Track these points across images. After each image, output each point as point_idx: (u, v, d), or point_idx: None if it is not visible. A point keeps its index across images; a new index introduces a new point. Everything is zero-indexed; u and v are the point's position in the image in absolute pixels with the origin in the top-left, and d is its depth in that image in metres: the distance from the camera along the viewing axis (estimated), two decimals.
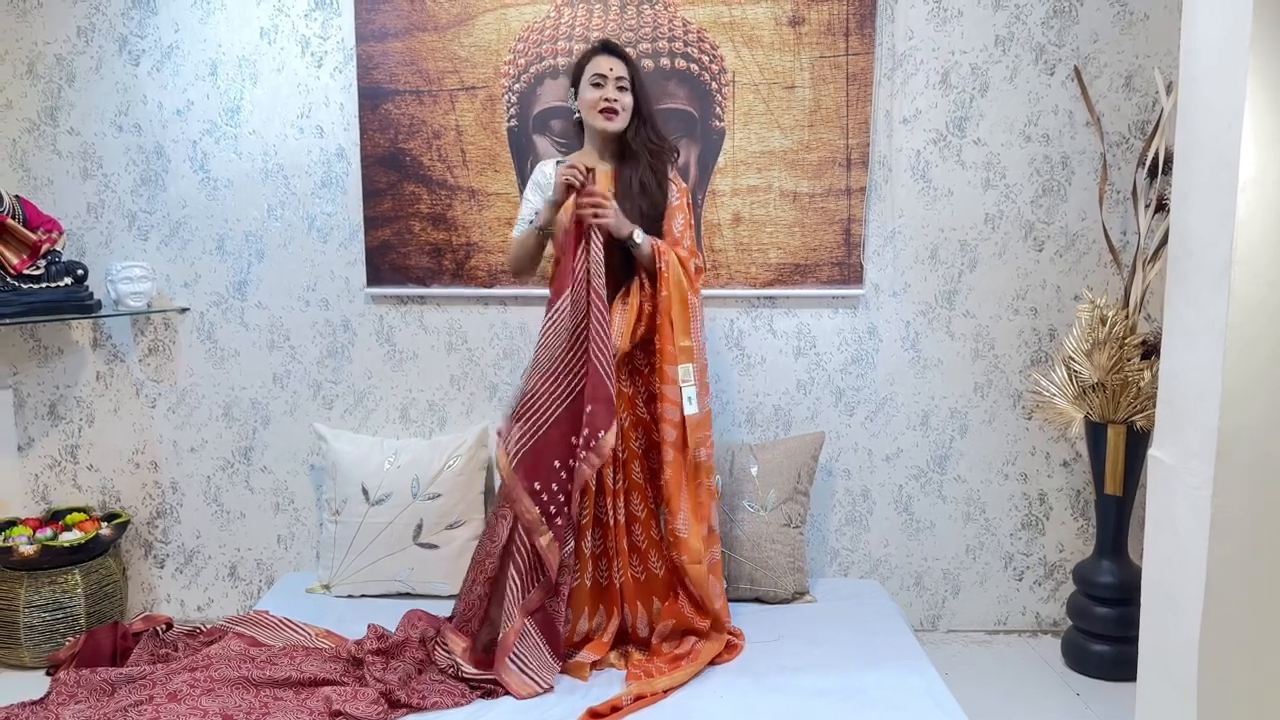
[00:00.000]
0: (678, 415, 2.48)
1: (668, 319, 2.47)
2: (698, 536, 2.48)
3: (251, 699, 2.20)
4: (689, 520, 2.48)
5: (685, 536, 2.47)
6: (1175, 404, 1.90)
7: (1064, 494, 3.15)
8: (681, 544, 2.47)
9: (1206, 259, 1.77)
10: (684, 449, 2.49)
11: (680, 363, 2.46)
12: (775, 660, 2.46)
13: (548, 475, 2.41)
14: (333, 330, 3.12)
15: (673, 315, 2.47)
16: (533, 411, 2.43)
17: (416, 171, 3.01)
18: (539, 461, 2.42)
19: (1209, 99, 1.79)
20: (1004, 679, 2.86)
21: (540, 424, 2.43)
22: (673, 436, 2.48)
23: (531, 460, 2.41)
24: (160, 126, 3.04)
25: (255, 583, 3.22)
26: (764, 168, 2.99)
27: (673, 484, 2.48)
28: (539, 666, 2.33)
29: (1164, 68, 2.90)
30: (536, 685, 2.29)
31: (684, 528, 2.47)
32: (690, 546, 2.47)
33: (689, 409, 2.46)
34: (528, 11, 2.95)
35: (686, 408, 2.46)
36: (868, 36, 2.93)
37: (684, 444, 2.48)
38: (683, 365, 2.46)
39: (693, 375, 2.47)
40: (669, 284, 2.47)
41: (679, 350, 2.47)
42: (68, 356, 3.12)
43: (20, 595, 2.79)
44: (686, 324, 2.48)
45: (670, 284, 2.47)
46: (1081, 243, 3.04)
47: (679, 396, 2.47)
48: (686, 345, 2.47)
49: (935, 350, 3.10)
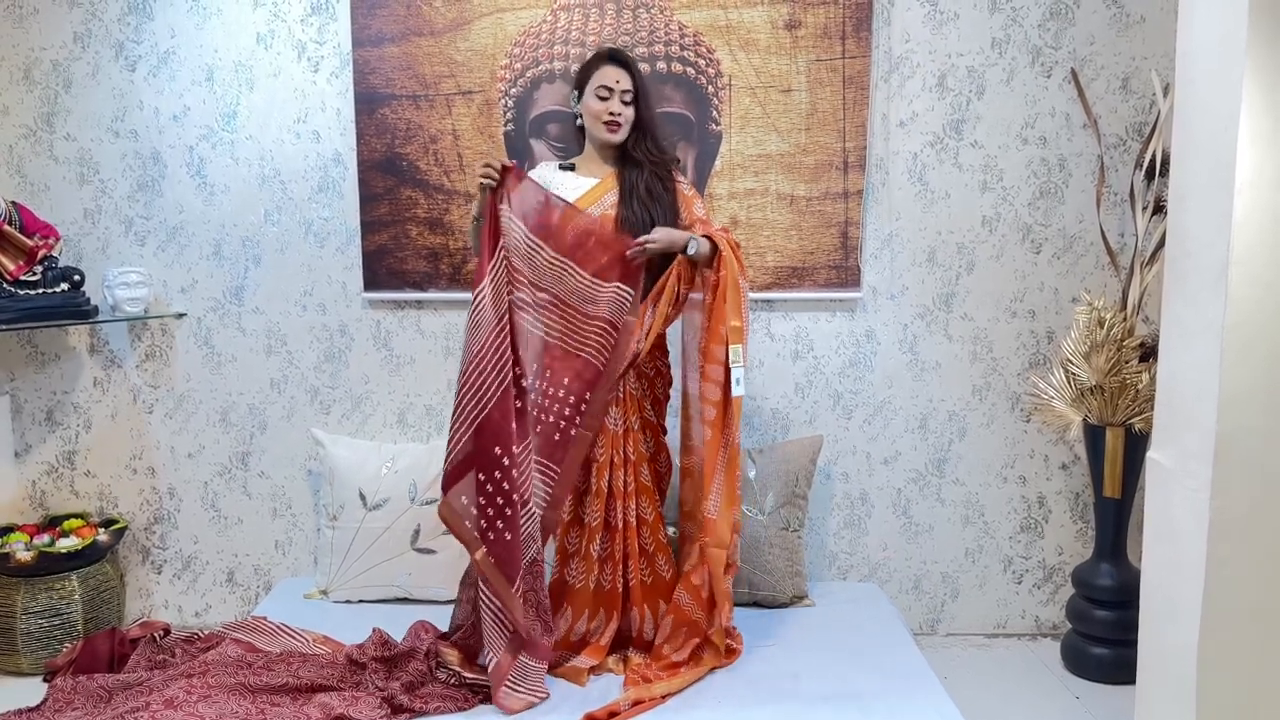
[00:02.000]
0: (718, 395, 2.41)
1: (723, 299, 2.42)
2: (726, 522, 2.40)
3: (249, 705, 2.19)
4: (721, 505, 2.40)
5: (714, 518, 2.39)
6: (1173, 406, 1.90)
7: (1063, 497, 3.15)
8: (709, 526, 2.39)
9: (1204, 260, 1.77)
10: (723, 429, 2.42)
11: (731, 343, 2.40)
12: (773, 665, 2.46)
13: (485, 480, 2.34)
14: (330, 335, 3.11)
15: (728, 295, 2.41)
16: (462, 411, 2.36)
17: (413, 176, 3.01)
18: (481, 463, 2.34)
19: (1206, 101, 1.79)
20: (1003, 682, 2.86)
21: (470, 424, 2.35)
22: (712, 415, 2.42)
23: (466, 466, 2.35)
24: (157, 132, 3.04)
25: (253, 588, 3.21)
26: (761, 171, 2.99)
27: (708, 464, 2.41)
28: (533, 681, 2.31)
29: (1161, 70, 2.90)
30: (531, 697, 2.27)
31: (714, 509, 2.39)
32: (718, 530, 2.38)
33: (736, 390, 2.38)
34: (524, 16, 2.95)
35: (734, 389, 2.38)
36: (864, 40, 2.93)
37: (723, 424, 2.41)
38: (733, 346, 2.40)
39: (742, 356, 2.41)
40: (727, 264, 2.43)
41: (730, 331, 2.40)
42: (65, 362, 3.12)
43: (17, 601, 2.79)
44: (739, 305, 2.43)
45: (727, 265, 2.43)
46: (1079, 245, 3.04)
47: (722, 377, 2.40)
48: (737, 325, 2.41)
49: (933, 353, 3.10)
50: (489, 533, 2.33)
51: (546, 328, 2.47)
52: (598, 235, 2.46)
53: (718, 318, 2.43)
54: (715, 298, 2.44)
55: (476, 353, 2.35)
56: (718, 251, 2.45)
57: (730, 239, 2.49)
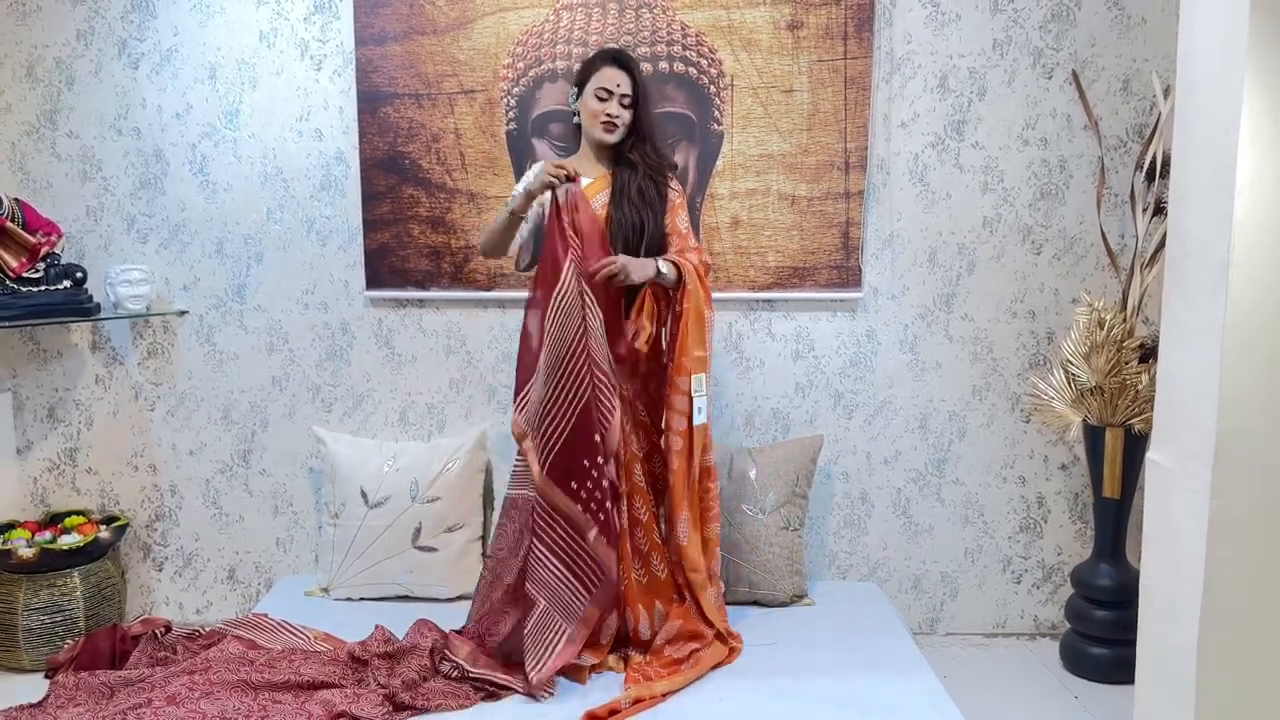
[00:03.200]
0: (684, 425, 2.49)
1: (685, 331, 2.48)
2: (695, 547, 2.52)
3: (250, 702, 2.19)
4: (689, 531, 2.51)
5: (685, 545, 2.51)
6: (1173, 407, 1.90)
7: (1062, 497, 3.15)
8: (682, 552, 2.51)
9: (1204, 262, 1.78)
10: (690, 457, 2.51)
11: (694, 373, 2.48)
12: (773, 663, 2.46)
13: (582, 475, 2.38)
14: (332, 333, 3.12)
15: (689, 327, 2.48)
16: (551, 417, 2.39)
17: (415, 175, 3.01)
18: (573, 463, 2.38)
19: (1207, 102, 1.79)
20: (1002, 682, 2.86)
21: (562, 429, 2.39)
22: (679, 445, 2.50)
23: (566, 463, 2.39)
24: (160, 130, 3.04)
25: (254, 585, 3.22)
26: (762, 171, 3.00)
27: (676, 493, 2.51)
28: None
29: (1161, 71, 2.91)
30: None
31: (684, 536, 2.51)
32: (689, 555, 2.51)
33: (698, 419, 2.48)
34: (527, 15, 2.96)
35: (696, 418, 2.48)
36: (866, 40, 2.94)
37: (690, 452, 2.51)
38: (695, 376, 2.48)
39: (704, 386, 2.49)
40: (690, 297, 2.48)
41: (693, 361, 2.48)
42: (67, 359, 3.12)
43: (19, 598, 2.79)
44: (702, 335, 2.50)
45: (691, 297, 2.48)
46: (1079, 246, 3.05)
47: (688, 407, 2.48)
48: (700, 355, 2.49)
49: (934, 353, 3.10)
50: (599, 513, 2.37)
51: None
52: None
53: (681, 349, 2.49)
54: (679, 328, 2.49)
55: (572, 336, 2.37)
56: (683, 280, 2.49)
57: (698, 263, 2.52)
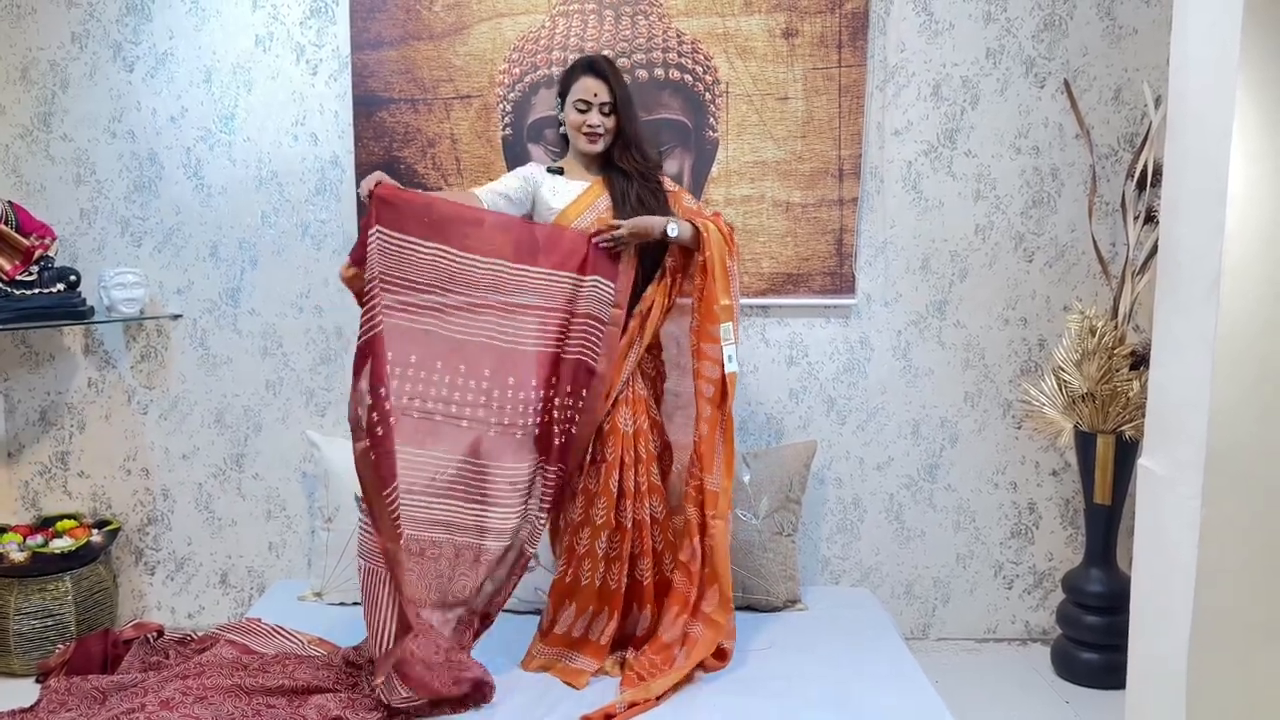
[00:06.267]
0: (717, 373, 2.51)
1: (711, 278, 2.50)
2: (726, 493, 2.52)
3: (244, 706, 2.19)
4: (721, 479, 2.51)
5: (716, 491, 2.49)
6: (1164, 414, 1.91)
7: (1053, 503, 3.17)
8: (711, 499, 2.48)
9: (1196, 271, 1.79)
10: (721, 404, 2.52)
11: (722, 321, 2.50)
12: (766, 669, 2.47)
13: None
14: (326, 337, 3.12)
15: (716, 275, 2.50)
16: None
17: (411, 180, 3.01)
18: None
19: (1199, 113, 1.81)
20: (994, 687, 2.88)
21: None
22: (710, 393, 2.51)
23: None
24: (154, 133, 3.04)
25: (247, 590, 3.21)
26: (757, 178, 3.01)
27: (708, 441, 2.50)
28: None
29: (1153, 81, 2.93)
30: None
31: (715, 483, 2.50)
32: (720, 503, 2.49)
33: (729, 366, 2.50)
34: (523, 21, 2.97)
35: (727, 365, 2.50)
36: (860, 49, 2.95)
37: (721, 400, 2.51)
38: (724, 324, 2.51)
39: (733, 334, 2.53)
40: (711, 245, 2.49)
41: (720, 309, 2.50)
42: (59, 363, 3.11)
43: (10, 602, 2.78)
44: (727, 285, 2.52)
45: (712, 245, 2.50)
46: (1071, 254, 3.07)
47: (719, 354, 2.50)
48: (727, 304, 2.51)
49: (926, 360, 3.12)
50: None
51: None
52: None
53: (710, 297, 2.51)
54: (705, 278, 2.51)
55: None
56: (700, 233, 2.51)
57: (720, 223, 2.54)
